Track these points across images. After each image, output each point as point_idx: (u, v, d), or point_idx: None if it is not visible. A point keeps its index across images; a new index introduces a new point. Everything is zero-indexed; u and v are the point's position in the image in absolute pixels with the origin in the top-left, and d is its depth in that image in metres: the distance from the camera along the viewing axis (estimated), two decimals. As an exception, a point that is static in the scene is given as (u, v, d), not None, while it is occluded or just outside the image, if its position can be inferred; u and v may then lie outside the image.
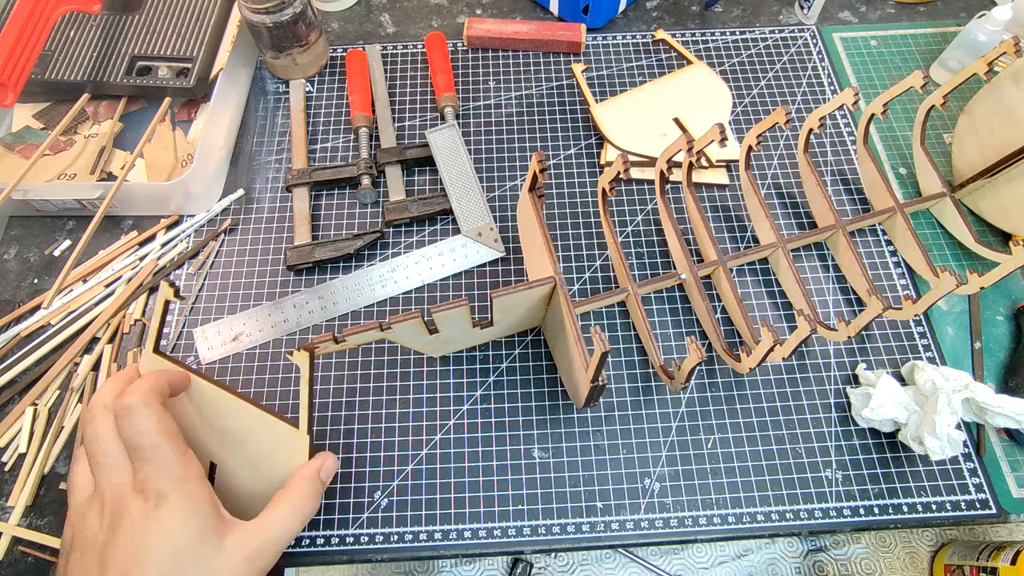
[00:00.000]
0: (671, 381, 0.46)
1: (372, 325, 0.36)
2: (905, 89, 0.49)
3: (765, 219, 0.50)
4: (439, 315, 0.38)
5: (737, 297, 0.47)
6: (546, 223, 0.44)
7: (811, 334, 0.40)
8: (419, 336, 0.40)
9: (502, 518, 0.44)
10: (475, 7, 0.69)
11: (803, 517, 0.44)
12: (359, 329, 0.36)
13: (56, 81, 0.57)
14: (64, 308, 0.51)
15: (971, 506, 0.44)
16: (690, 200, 0.50)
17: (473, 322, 0.42)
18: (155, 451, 0.31)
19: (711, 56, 0.64)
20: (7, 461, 0.46)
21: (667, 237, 0.52)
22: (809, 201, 0.55)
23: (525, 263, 0.51)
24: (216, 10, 0.61)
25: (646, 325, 0.46)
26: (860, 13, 0.68)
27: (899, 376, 0.48)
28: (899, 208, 0.51)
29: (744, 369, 0.45)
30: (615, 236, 0.49)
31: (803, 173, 0.54)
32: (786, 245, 0.50)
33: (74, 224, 0.55)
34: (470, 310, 0.39)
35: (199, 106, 0.60)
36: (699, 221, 0.50)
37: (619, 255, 0.48)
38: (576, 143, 0.59)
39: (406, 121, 0.61)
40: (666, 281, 0.49)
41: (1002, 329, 0.50)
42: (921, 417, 0.43)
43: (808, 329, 0.39)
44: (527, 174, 0.44)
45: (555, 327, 0.44)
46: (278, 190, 0.57)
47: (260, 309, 0.51)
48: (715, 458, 0.46)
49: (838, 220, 0.50)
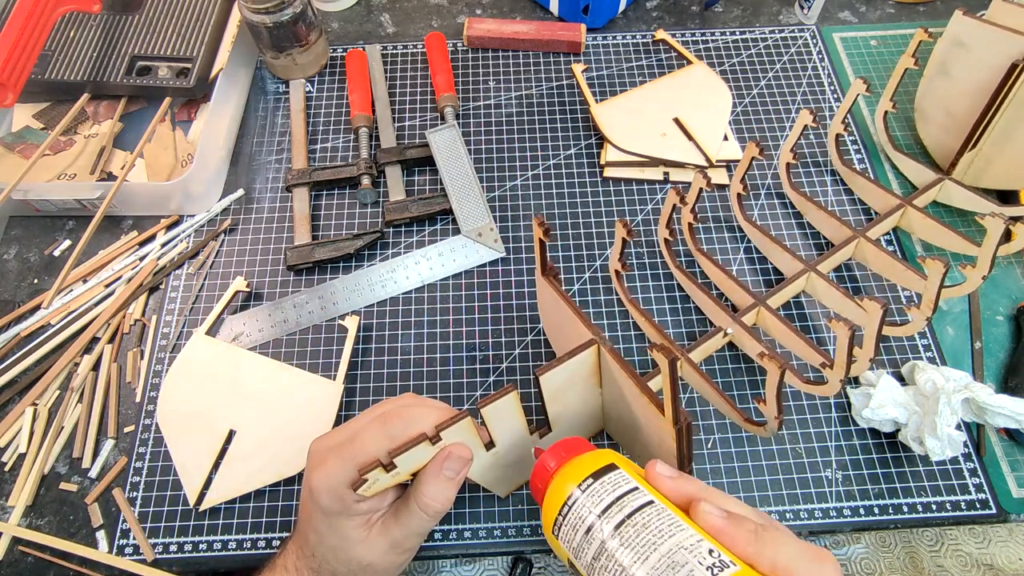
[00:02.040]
0: (762, 426, 0.42)
1: (419, 438, 0.32)
2: (853, 100, 0.51)
3: (784, 252, 0.49)
4: (488, 412, 0.34)
5: (790, 327, 0.44)
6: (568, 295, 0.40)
7: (884, 314, 0.37)
8: (480, 458, 0.36)
9: (502, 518, 0.44)
10: (475, 7, 0.69)
11: (803, 517, 0.44)
12: (408, 445, 0.31)
13: (56, 81, 0.57)
14: (64, 308, 0.51)
15: (971, 506, 0.44)
16: (704, 260, 0.49)
17: (529, 427, 0.37)
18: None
19: (711, 56, 0.64)
20: (7, 461, 0.46)
21: (693, 296, 0.50)
22: (817, 226, 0.54)
23: (555, 347, 0.49)
24: (216, 10, 0.61)
25: (712, 386, 0.43)
26: (860, 13, 0.68)
27: (899, 376, 0.48)
28: (906, 203, 0.51)
29: (834, 388, 0.41)
30: (645, 314, 0.47)
31: (799, 205, 0.54)
32: (816, 267, 0.48)
33: (74, 224, 0.55)
34: (518, 397, 0.34)
35: (199, 106, 0.60)
36: (721, 275, 0.48)
37: (657, 329, 0.46)
38: (576, 143, 0.59)
39: (406, 121, 0.61)
40: (714, 341, 0.46)
41: (1002, 329, 0.50)
42: (921, 417, 0.43)
43: (880, 310, 0.37)
44: (535, 251, 0.41)
45: (619, 412, 0.40)
46: (278, 190, 0.57)
47: (260, 309, 0.51)
48: (715, 458, 0.46)
49: (854, 231, 0.49)
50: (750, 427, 0.43)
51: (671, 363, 0.30)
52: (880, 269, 0.50)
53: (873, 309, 0.38)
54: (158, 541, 0.43)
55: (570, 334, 0.40)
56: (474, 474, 0.37)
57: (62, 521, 0.44)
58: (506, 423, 0.36)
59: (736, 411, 0.43)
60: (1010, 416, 0.43)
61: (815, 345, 0.43)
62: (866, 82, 0.49)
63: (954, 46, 0.52)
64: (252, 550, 0.43)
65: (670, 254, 0.50)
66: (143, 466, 0.45)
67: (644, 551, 0.26)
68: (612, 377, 0.37)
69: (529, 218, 0.55)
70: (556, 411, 0.38)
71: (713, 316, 0.49)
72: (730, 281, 0.48)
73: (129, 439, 0.46)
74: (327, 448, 0.34)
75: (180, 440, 0.45)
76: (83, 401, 0.47)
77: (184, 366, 0.47)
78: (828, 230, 0.53)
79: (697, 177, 0.44)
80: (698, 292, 0.49)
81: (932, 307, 0.43)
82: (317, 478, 0.32)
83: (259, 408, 0.46)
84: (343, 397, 0.47)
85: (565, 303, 0.40)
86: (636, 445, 0.40)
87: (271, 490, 0.45)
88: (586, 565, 0.28)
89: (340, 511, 0.33)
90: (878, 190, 0.52)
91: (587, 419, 0.43)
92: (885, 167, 0.58)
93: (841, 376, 0.39)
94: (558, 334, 0.46)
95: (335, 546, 0.34)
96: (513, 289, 0.52)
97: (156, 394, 0.48)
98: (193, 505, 0.44)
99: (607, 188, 0.57)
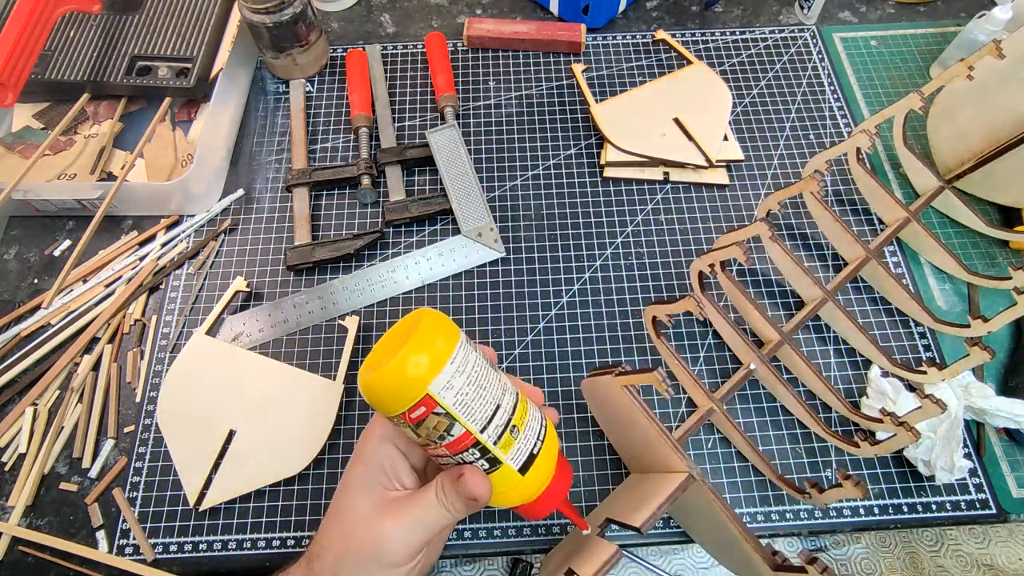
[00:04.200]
0: (805, 496, 0.41)
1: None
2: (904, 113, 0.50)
3: (804, 275, 0.47)
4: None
5: (813, 369, 0.44)
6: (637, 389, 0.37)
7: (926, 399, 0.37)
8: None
9: (502, 518, 0.44)
10: (475, 7, 0.69)
11: (803, 517, 0.44)
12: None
13: (56, 81, 0.57)
14: (64, 308, 0.51)
15: (971, 506, 0.44)
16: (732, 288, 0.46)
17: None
18: None
19: (711, 56, 0.64)
20: (7, 461, 0.46)
21: (720, 330, 0.49)
22: (830, 239, 0.53)
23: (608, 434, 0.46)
24: (216, 10, 0.61)
25: (747, 441, 0.42)
26: (860, 13, 0.68)
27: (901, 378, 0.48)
28: (912, 216, 0.51)
29: (868, 454, 0.41)
30: (680, 360, 0.44)
31: (816, 214, 0.52)
32: (834, 296, 0.47)
33: (74, 224, 0.55)
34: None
35: (199, 106, 0.60)
36: (748, 306, 0.46)
37: (690, 376, 0.43)
38: (576, 143, 0.59)
39: (406, 121, 0.61)
40: (739, 378, 0.46)
41: (1002, 329, 0.50)
42: (934, 442, 0.42)
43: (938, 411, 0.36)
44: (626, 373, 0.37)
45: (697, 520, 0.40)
46: (278, 190, 0.57)
47: (260, 309, 0.51)
48: (715, 458, 0.46)
49: (867, 249, 0.49)
50: (789, 490, 0.42)
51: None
52: (883, 289, 0.51)
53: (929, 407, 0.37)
54: (158, 541, 0.43)
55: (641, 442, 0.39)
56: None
57: (62, 521, 0.44)
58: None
59: (770, 468, 0.43)
60: (1009, 418, 0.43)
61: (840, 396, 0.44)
62: (923, 99, 0.48)
63: (1021, 61, 0.49)
64: (252, 550, 0.43)
65: (701, 286, 0.47)
66: (143, 466, 0.45)
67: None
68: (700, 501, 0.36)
69: (529, 218, 0.55)
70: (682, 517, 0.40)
71: (738, 350, 0.48)
72: (755, 313, 0.46)
73: (129, 439, 0.46)
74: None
75: (180, 440, 0.45)
76: (83, 401, 0.47)
77: (184, 366, 0.47)
78: (840, 245, 0.52)
79: (760, 225, 0.43)
80: (725, 325, 0.46)
81: (951, 375, 0.44)
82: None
83: (259, 408, 0.46)
84: (343, 397, 0.47)
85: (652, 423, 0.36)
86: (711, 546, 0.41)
87: (271, 490, 0.45)
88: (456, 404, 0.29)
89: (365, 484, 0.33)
90: (887, 198, 0.51)
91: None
92: (891, 182, 0.58)
93: (881, 454, 0.40)
94: (618, 432, 0.43)
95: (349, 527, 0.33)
96: (513, 289, 0.52)
97: (156, 394, 0.48)
98: (193, 505, 0.44)
99: (607, 188, 0.57)
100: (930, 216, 0.55)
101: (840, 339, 0.50)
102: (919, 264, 0.53)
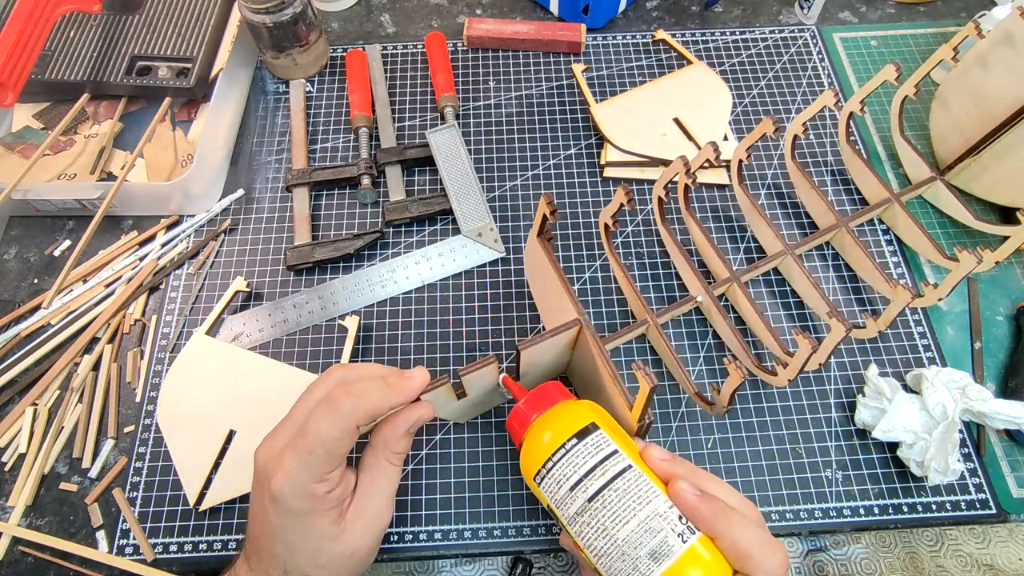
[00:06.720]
0: (711, 407, 0.44)
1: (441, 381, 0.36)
2: (879, 83, 0.50)
3: (768, 228, 0.50)
4: (468, 377, 0.37)
5: (757, 310, 0.46)
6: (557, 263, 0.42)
7: (847, 334, 0.38)
8: (447, 404, 0.39)
9: (502, 518, 0.44)
10: (475, 7, 0.69)
11: (803, 517, 0.44)
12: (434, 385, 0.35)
13: (56, 81, 0.57)
14: (64, 308, 0.51)
15: (971, 506, 0.44)
16: (692, 223, 0.50)
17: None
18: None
19: (711, 56, 0.64)
20: (7, 461, 0.46)
21: (675, 262, 0.51)
22: (807, 204, 0.55)
23: (540, 310, 0.50)
24: (216, 10, 0.61)
25: (673, 354, 0.45)
26: (860, 13, 0.68)
27: (899, 376, 0.48)
28: (895, 198, 0.51)
29: (782, 382, 0.44)
30: (625, 270, 0.48)
31: (795, 179, 0.54)
32: (795, 251, 0.49)
33: (74, 224, 0.55)
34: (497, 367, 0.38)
35: (199, 106, 0.60)
36: (704, 242, 0.49)
37: (633, 288, 0.47)
38: (576, 143, 0.59)
39: (406, 121, 0.61)
40: (684, 306, 0.48)
41: (1002, 329, 0.50)
42: (928, 444, 0.42)
43: (843, 330, 0.38)
44: (536, 217, 0.43)
45: (584, 371, 0.42)
46: (278, 190, 0.57)
47: (260, 309, 0.51)
48: (715, 458, 0.46)
49: (839, 219, 0.50)
50: (700, 403, 0.44)
51: (651, 390, 0.33)
52: (850, 260, 0.52)
53: (837, 329, 0.39)
54: (158, 541, 0.43)
55: (553, 302, 0.42)
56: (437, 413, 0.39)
57: (62, 521, 0.44)
58: (483, 382, 0.39)
59: (690, 384, 0.45)
60: (1009, 420, 0.43)
61: (776, 334, 0.45)
62: (898, 69, 0.48)
63: (1002, 43, 0.49)
64: (252, 550, 0.43)
65: (661, 212, 0.50)
66: (143, 466, 0.45)
67: (625, 515, 0.30)
68: (587, 350, 0.39)
69: (529, 218, 0.55)
70: (527, 370, 0.41)
71: (689, 283, 0.50)
72: (711, 250, 0.48)
73: (129, 439, 0.46)
74: (279, 450, 0.32)
75: (180, 440, 0.45)
76: (83, 401, 0.47)
77: (184, 366, 0.47)
78: (816, 213, 0.53)
79: (707, 148, 0.45)
80: (679, 256, 0.49)
81: (886, 324, 0.46)
82: (278, 483, 0.31)
83: (259, 408, 0.46)
84: (343, 397, 0.47)
85: (555, 271, 0.41)
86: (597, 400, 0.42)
87: (271, 490, 0.45)
88: (568, 518, 0.32)
89: (312, 508, 0.31)
90: (872, 179, 0.52)
91: (552, 371, 0.46)
92: (883, 164, 0.58)
93: (791, 378, 0.42)
94: (543, 297, 0.47)
95: (313, 550, 0.32)
96: (513, 289, 0.52)
97: (156, 394, 0.48)
98: (193, 505, 0.44)
99: (607, 188, 0.57)
100: (916, 207, 0.56)
101: (792, 294, 0.51)
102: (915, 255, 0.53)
